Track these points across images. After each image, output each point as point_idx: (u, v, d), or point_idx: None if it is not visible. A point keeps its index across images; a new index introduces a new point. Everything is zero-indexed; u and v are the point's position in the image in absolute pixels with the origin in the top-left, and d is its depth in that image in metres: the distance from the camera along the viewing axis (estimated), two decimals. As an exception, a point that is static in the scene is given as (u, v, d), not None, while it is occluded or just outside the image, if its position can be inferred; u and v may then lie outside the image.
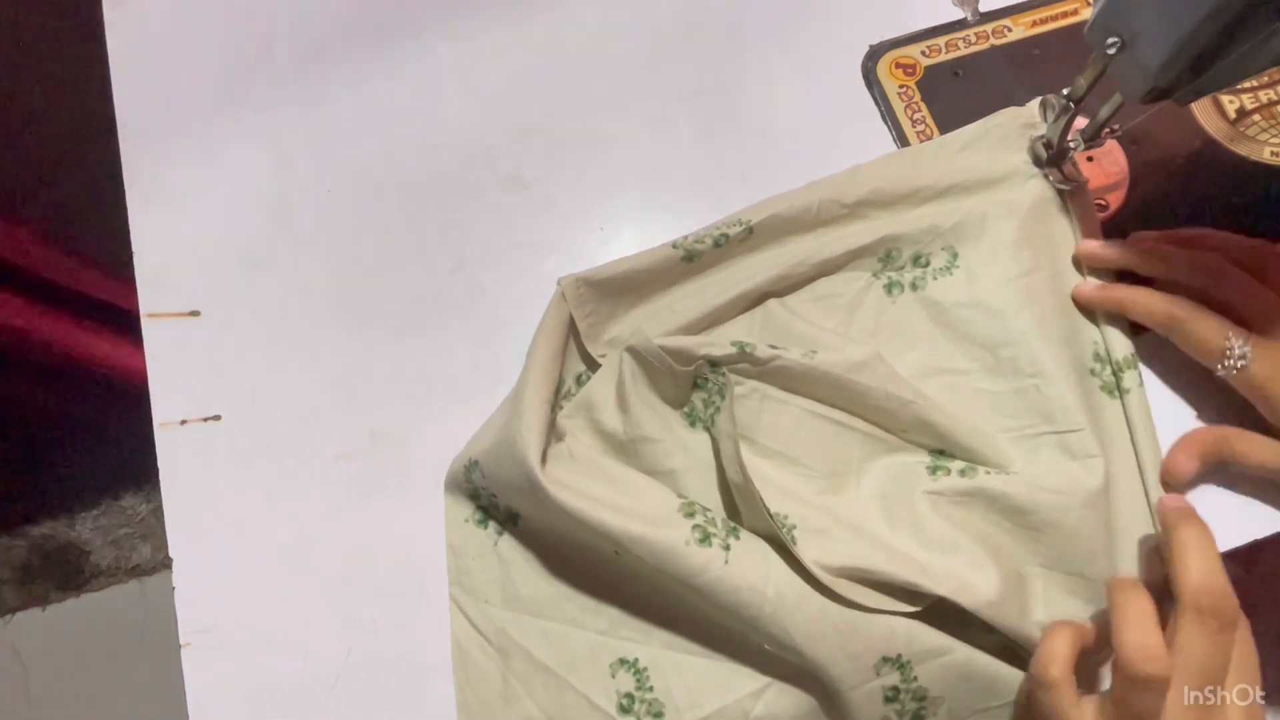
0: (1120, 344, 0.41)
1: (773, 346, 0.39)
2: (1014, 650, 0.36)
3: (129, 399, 0.47)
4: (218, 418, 0.44)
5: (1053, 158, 0.44)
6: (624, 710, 0.37)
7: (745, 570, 0.34)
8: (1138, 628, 0.30)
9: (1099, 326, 0.41)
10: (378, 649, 0.40)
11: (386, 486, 0.43)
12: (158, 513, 0.42)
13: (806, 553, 0.35)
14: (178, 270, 0.47)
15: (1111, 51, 0.35)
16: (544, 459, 0.36)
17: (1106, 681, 0.36)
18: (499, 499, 0.40)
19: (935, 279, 0.43)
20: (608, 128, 0.48)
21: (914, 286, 0.43)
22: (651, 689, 0.37)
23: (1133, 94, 0.36)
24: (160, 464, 0.43)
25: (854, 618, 0.34)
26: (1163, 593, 0.32)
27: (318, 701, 0.39)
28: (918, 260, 0.43)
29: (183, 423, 0.44)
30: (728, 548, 0.35)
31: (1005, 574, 0.36)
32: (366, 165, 0.49)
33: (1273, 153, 0.46)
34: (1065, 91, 0.41)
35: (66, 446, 1.06)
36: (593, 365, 0.42)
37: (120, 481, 1.06)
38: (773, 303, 0.42)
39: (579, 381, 0.42)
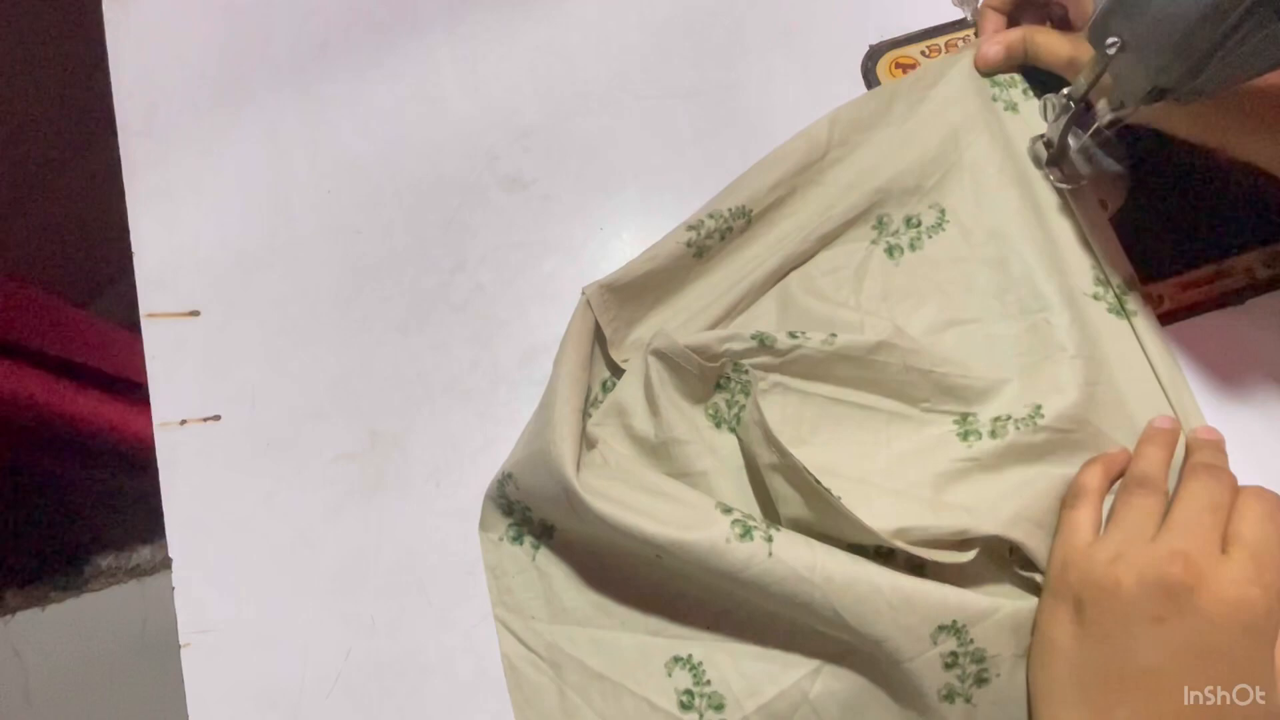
0: (1119, 267, 0.42)
1: (792, 335, 0.39)
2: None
3: (141, 465, 0.47)
4: (218, 418, 0.44)
5: (1053, 157, 0.44)
6: (685, 707, 0.37)
7: (790, 559, 0.34)
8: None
9: (1094, 254, 0.42)
10: (378, 649, 0.40)
11: (386, 486, 0.43)
12: (158, 513, 0.42)
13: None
14: (178, 270, 0.47)
15: (1111, 51, 0.35)
16: (578, 468, 0.36)
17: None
18: (533, 512, 0.40)
19: (930, 237, 0.44)
20: (608, 128, 0.48)
21: (912, 247, 0.44)
22: (709, 682, 0.37)
23: (1133, 94, 0.36)
24: (160, 464, 0.43)
25: (906, 591, 0.34)
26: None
27: (318, 701, 0.39)
28: (909, 222, 0.44)
29: (183, 423, 0.44)
30: (770, 539, 0.35)
31: (1045, 509, 0.37)
32: (366, 165, 0.49)
33: (1273, 153, 0.46)
34: (1065, 91, 0.41)
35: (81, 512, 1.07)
36: (616, 371, 0.42)
37: (135, 537, 1.07)
38: (793, 280, 0.43)
39: (605, 388, 0.43)
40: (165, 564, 0.41)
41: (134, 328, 0.46)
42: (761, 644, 0.38)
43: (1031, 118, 0.45)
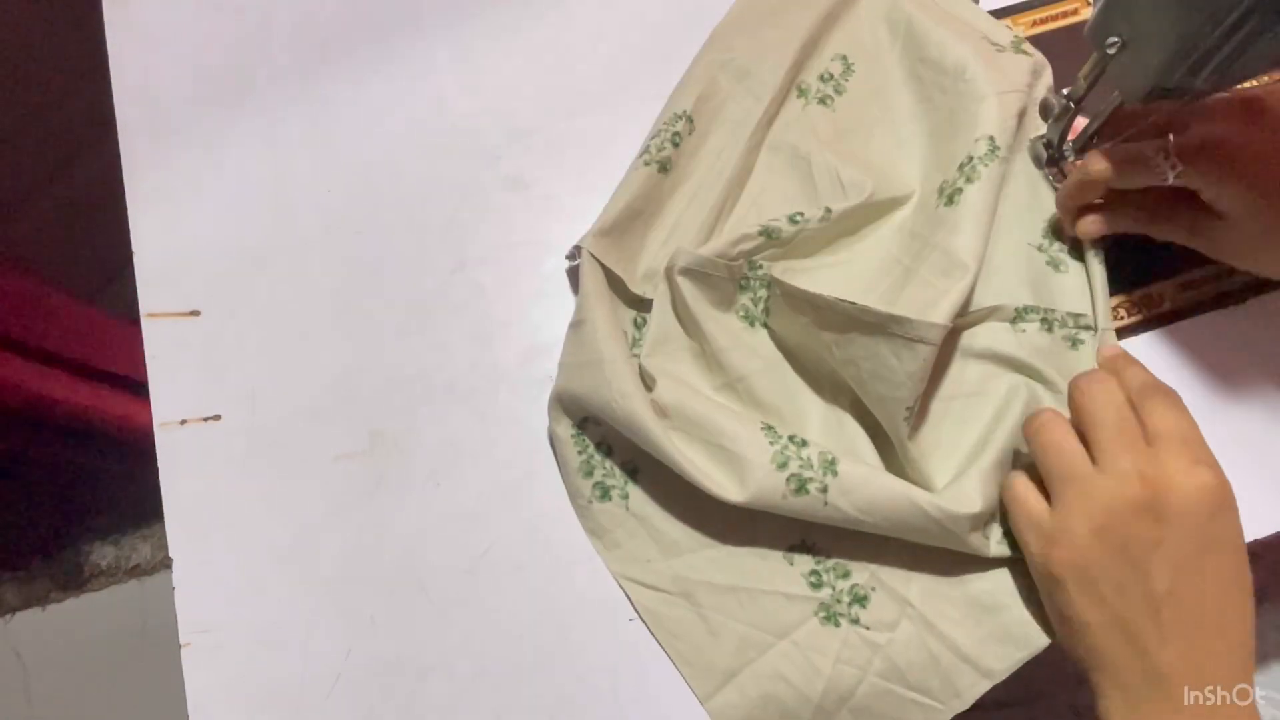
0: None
1: (793, 220, 0.42)
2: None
3: (139, 457, 0.47)
4: (218, 418, 0.44)
5: (1053, 157, 0.44)
6: (816, 586, 0.39)
7: (844, 505, 0.36)
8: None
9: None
10: (378, 649, 0.40)
11: (386, 486, 0.43)
12: (158, 513, 0.42)
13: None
14: (178, 270, 0.47)
15: (1111, 51, 0.35)
16: (651, 414, 0.39)
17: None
18: (616, 454, 0.42)
19: (846, 81, 0.49)
20: (608, 128, 0.48)
21: (838, 92, 0.49)
22: (830, 555, 0.40)
23: (1133, 94, 0.36)
24: (160, 464, 0.43)
25: (941, 505, 0.36)
26: None
27: (318, 701, 0.39)
28: (824, 78, 0.49)
29: (183, 423, 0.44)
30: (825, 489, 0.37)
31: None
32: (366, 165, 0.49)
33: (1273, 153, 0.46)
34: (1065, 91, 0.41)
35: (76, 499, 1.07)
36: (639, 307, 0.44)
37: (129, 523, 1.07)
38: (767, 148, 0.47)
39: (637, 324, 0.44)
40: (165, 564, 0.41)
41: (134, 323, 0.46)
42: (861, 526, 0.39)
43: None
